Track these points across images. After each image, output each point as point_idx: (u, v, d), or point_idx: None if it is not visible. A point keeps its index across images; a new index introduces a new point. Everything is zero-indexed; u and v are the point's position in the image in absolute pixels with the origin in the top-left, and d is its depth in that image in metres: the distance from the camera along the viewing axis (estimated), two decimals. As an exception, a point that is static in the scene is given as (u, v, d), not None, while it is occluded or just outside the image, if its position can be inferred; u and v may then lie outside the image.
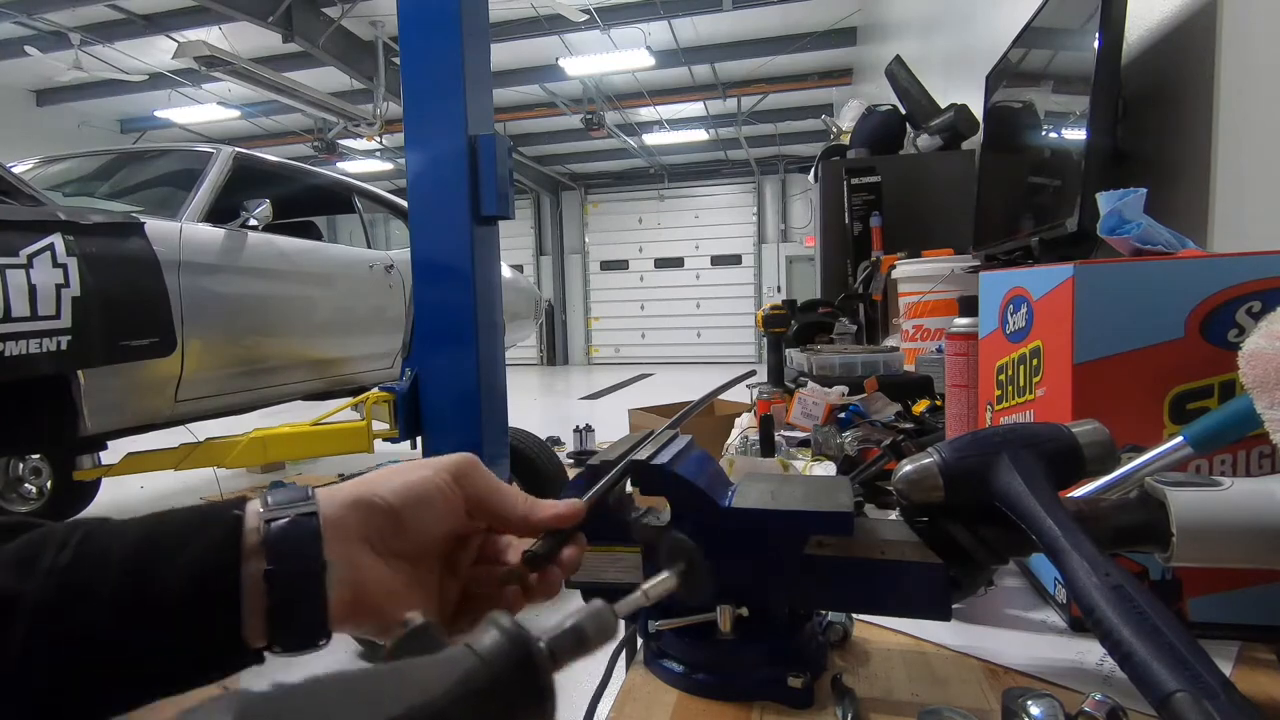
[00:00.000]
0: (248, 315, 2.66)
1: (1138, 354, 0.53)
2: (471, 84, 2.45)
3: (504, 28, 7.15)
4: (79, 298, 1.91)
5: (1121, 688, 0.44)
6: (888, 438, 0.95)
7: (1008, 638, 0.55)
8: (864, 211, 2.38)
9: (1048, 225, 1.19)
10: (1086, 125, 1.03)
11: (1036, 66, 1.38)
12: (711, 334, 13.48)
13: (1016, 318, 0.65)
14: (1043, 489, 0.40)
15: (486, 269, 2.57)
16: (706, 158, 12.98)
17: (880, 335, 2.10)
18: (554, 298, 13.75)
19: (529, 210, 13.87)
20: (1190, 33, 1.06)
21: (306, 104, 7.40)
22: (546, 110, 9.72)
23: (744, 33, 7.90)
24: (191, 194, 2.62)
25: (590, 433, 5.03)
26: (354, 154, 10.33)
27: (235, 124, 9.75)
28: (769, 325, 1.56)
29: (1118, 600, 0.32)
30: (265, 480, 4.22)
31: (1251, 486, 0.42)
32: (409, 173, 2.52)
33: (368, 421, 2.63)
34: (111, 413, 2.19)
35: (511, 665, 0.22)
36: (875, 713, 0.46)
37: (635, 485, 0.49)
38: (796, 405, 1.32)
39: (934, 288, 1.67)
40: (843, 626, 0.55)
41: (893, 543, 0.46)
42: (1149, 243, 0.62)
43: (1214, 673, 0.28)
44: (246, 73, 6.37)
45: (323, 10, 6.82)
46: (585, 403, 8.47)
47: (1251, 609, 0.52)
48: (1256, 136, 0.92)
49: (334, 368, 3.24)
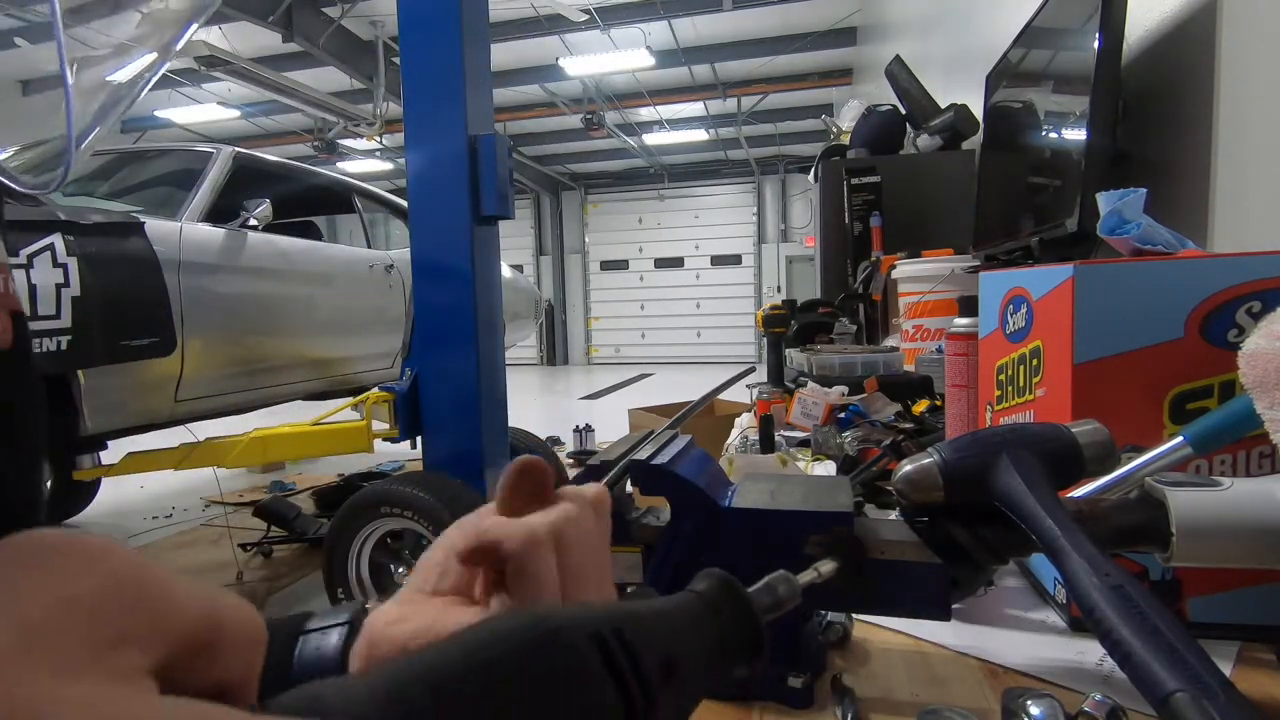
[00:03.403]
0: (248, 315, 2.66)
1: (1137, 354, 0.53)
2: (471, 84, 2.45)
3: (504, 28, 7.15)
4: (79, 298, 1.91)
5: (1121, 688, 0.44)
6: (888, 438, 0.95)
7: (1008, 638, 0.55)
8: (864, 211, 2.38)
9: (1048, 225, 1.19)
10: (1086, 125, 1.03)
11: (1036, 66, 1.38)
12: (711, 334, 13.47)
13: (1016, 318, 0.65)
14: (1043, 489, 0.40)
15: (486, 269, 2.57)
16: (706, 158, 12.98)
17: (880, 335, 2.10)
18: (554, 298, 13.75)
19: (529, 210, 13.87)
20: (1190, 33, 1.06)
21: (306, 104, 7.40)
22: (546, 110, 9.72)
23: (744, 33, 7.90)
24: (191, 194, 2.63)
25: (590, 433, 5.03)
26: (354, 154, 10.33)
27: (235, 124, 9.74)
28: (769, 325, 1.56)
29: (1117, 600, 0.32)
30: (265, 480, 4.22)
31: (1251, 486, 0.42)
32: (409, 173, 2.53)
33: (368, 421, 2.63)
34: (111, 413, 2.19)
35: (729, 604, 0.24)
36: (875, 713, 0.46)
37: (635, 485, 0.49)
38: (796, 405, 1.32)
39: (934, 288, 1.67)
40: (843, 626, 0.55)
41: (893, 543, 0.46)
42: (1149, 243, 0.62)
43: (1214, 672, 0.28)
44: (246, 73, 6.37)
45: (323, 10, 6.82)
46: (585, 403, 8.47)
47: (1251, 609, 0.52)
48: (1256, 136, 0.92)
49: (334, 368, 3.24)
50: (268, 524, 3.09)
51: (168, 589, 0.14)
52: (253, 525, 3.16)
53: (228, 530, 3.04)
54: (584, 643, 0.18)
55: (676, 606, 0.23)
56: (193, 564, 2.90)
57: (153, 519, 3.77)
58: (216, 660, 0.15)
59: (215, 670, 0.15)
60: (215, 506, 3.66)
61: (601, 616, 0.19)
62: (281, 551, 2.99)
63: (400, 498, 2.33)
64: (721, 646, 0.23)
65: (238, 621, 0.15)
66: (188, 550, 3.10)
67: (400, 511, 2.34)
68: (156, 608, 0.13)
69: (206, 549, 3.08)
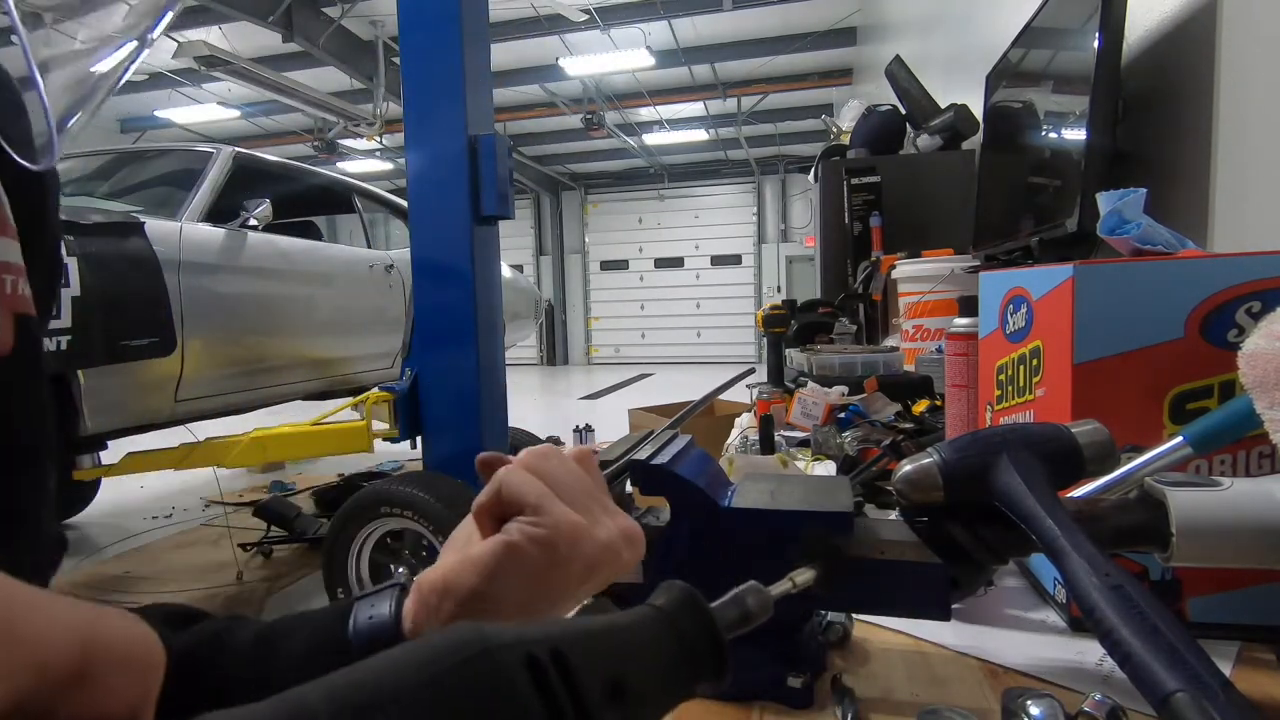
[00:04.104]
0: (248, 315, 2.66)
1: (1137, 354, 0.53)
2: (471, 84, 2.45)
3: (504, 28, 7.15)
4: (79, 298, 1.91)
5: (1121, 688, 0.44)
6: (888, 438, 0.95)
7: (1007, 638, 0.55)
8: (864, 211, 2.38)
9: (1047, 225, 1.19)
10: (1086, 125, 1.03)
11: (1036, 66, 1.38)
12: (711, 334, 13.47)
13: (1016, 318, 0.65)
14: (1043, 489, 0.40)
15: (486, 269, 2.57)
16: (706, 158, 12.98)
17: (880, 335, 2.10)
18: (554, 298, 13.75)
19: (529, 210, 13.87)
20: (1190, 33, 1.06)
21: (306, 104, 7.40)
22: (546, 110, 9.72)
23: (744, 33, 7.90)
24: (191, 194, 2.63)
25: (590, 433, 5.03)
26: (354, 154, 10.33)
27: (235, 124, 9.74)
28: (769, 325, 1.56)
29: (1117, 600, 0.32)
30: (265, 480, 4.21)
31: (1251, 486, 0.42)
32: (409, 173, 2.53)
33: (368, 421, 2.63)
34: (112, 412, 2.19)
35: (690, 619, 0.23)
36: (875, 713, 0.46)
37: (635, 485, 0.49)
38: (796, 405, 1.32)
39: (934, 288, 1.67)
40: (843, 626, 0.55)
41: (893, 543, 0.46)
42: (1149, 243, 0.62)
43: (1214, 673, 0.28)
44: (246, 73, 6.37)
45: (323, 10, 6.82)
46: (585, 403, 8.47)
47: (1251, 609, 0.52)
48: (1256, 136, 0.92)
49: (334, 368, 3.24)
50: (268, 524, 3.09)
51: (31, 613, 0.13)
52: (253, 525, 3.16)
53: (228, 530, 3.04)
54: (514, 662, 0.18)
55: (632, 622, 0.22)
56: (193, 564, 2.90)
57: (153, 519, 3.77)
58: (93, 691, 0.13)
59: (92, 702, 0.13)
60: (215, 506, 3.66)
61: (539, 636, 0.19)
62: (281, 551, 2.99)
63: (400, 498, 2.33)
64: (681, 664, 0.22)
65: (121, 644, 0.14)
66: (188, 550, 3.10)
67: (400, 511, 2.34)
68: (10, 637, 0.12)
69: (206, 549, 3.08)
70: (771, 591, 0.27)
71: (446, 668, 0.17)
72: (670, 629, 0.22)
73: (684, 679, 0.22)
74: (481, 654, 0.18)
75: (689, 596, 0.24)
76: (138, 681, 0.14)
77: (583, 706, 0.18)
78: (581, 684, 0.18)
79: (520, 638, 0.18)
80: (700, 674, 0.23)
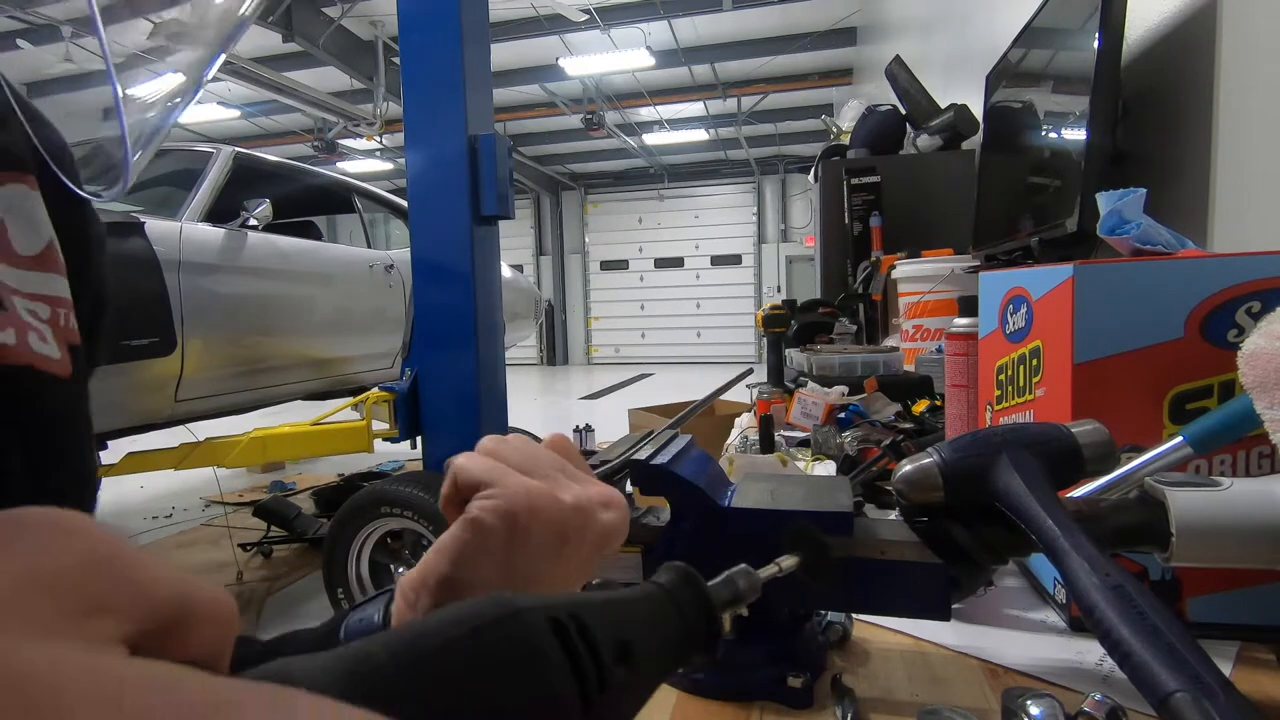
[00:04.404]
0: (248, 315, 2.66)
1: (1137, 354, 0.53)
2: (471, 84, 2.45)
3: (504, 28, 7.15)
4: (79, 298, 1.90)
5: (1121, 688, 0.44)
6: (888, 438, 0.95)
7: (1007, 638, 0.55)
8: (864, 211, 2.38)
9: (1047, 225, 1.19)
10: (1086, 125, 1.03)
11: (1036, 67, 1.38)
12: (711, 334, 13.47)
13: (1016, 318, 0.65)
14: (1042, 489, 0.40)
15: (486, 269, 2.57)
16: (706, 158, 12.98)
17: (880, 335, 2.10)
18: (554, 298, 13.75)
19: (529, 210, 13.87)
20: (1190, 33, 1.06)
21: (306, 104, 7.40)
22: (546, 110, 9.72)
23: (744, 33, 7.90)
24: (191, 194, 2.63)
25: (590, 433, 5.03)
26: (354, 154, 10.33)
27: (235, 124, 9.74)
28: (769, 325, 1.56)
29: (1117, 600, 0.32)
30: (265, 480, 4.22)
31: (1251, 486, 0.42)
32: (409, 173, 2.53)
33: (368, 421, 2.64)
34: (111, 412, 2.19)
35: (689, 595, 0.25)
36: (875, 713, 0.46)
37: (635, 485, 0.49)
38: (796, 405, 1.32)
39: (934, 288, 1.67)
40: (843, 626, 0.55)
41: (893, 543, 0.46)
42: (1149, 243, 0.62)
43: (1214, 673, 0.28)
44: (246, 72, 6.37)
45: (323, 10, 6.82)
46: (585, 403, 8.47)
47: (1251, 609, 0.52)
48: (1256, 136, 0.92)
49: (334, 368, 3.24)
50: (268, 524, 3.09)
51: (142, 564, 0.14)
52: (253, 525, 3.16)
53: (228, 530, 3.04)
54: (540, 622, 0.20)
55: (638, 596, 0.24)
56: (193, 564, 2.90)
57: (153, 519, 3.77)
58: (188, 637, 0.15)
59: (186, 647, 0.15)
60: (215, 506, 3.66)
61: (561, 603, 0.21)
62: (281, 551, 2.99)
63: (400, 498, 2.33)
64: (679, 636, 0.24)
65: (209, 601, 0.16)
66: (188, 550, 3.10)
67: (400, 511, 2.34)
68: (130, 581, 0.14)
69: (206, 549, 3.08)
70: (760, 574, 0.29)
71: (486, 622, 0.19)
72: (671, 603, 0.25)
73: (682, 648, 0.25)
74: (513, 614, 0.20)
75: (688, 575, 0.26)
76: (221, 634, 0.16)
77: (600, 662, 0.20)
78: (597, 643, 0.20)
79: (544, 603, 0.21)
80: (696, 645, 0.25)
